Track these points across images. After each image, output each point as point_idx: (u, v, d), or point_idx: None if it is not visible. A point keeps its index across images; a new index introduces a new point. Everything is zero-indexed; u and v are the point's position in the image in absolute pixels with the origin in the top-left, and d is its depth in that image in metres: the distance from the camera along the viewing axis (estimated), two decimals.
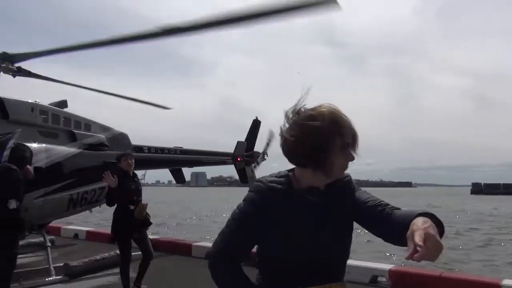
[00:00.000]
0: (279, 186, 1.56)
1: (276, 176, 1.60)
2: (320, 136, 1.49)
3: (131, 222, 5.74)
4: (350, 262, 2.61)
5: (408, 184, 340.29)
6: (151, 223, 6.13)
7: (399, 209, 1.49)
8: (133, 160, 6.03)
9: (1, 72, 7.40)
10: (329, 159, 1.51)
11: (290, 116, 1.57)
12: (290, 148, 1.56)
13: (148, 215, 6.04)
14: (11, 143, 5.94)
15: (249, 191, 1.61)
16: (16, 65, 7.43)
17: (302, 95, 1.57)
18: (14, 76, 7.68)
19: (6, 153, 5.86)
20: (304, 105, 1.57)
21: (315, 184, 1.58)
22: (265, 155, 12.56)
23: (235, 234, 1.59)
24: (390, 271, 6.65)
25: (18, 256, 5.97)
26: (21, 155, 5.82)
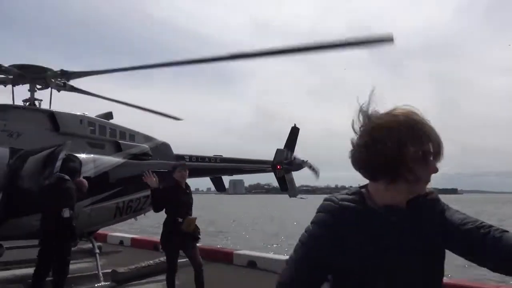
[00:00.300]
0: (352, 204, 1.33)
1: (347, 194, 1.38)
2: (393, 144, 1.27)
3: (179, 235, 5.53)
4: None
5: (453, 191, 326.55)
6: (199, 238, 5.89)
7: (507, 231, 1.21)
8: (187, 172, 5.85)
9: (55, 88, 7.84)
10: (404, 171, 1.28)
11: (361, 121, 1.36)
12: (360, 159, 1.35)
13: (198, 228, 5.83)
14: (62, 154, 6.25)
15: (318, 211, 1.38)
16: (71, 82, 7.85)
17: (369, 97, 1.35)
18: (59, 91, 8.11)
19: (58, 163, 6.18)
20: (375, 108, 1.35)
21: (391, 201, 1.32)
22: (305, 164, 12.43)
23: (303, 262, 1.39)
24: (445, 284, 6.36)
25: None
26: (73, 166, 6.12)
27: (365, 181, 1.40)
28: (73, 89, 8.17)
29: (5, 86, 7.63)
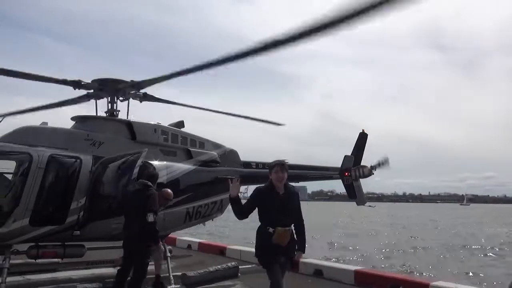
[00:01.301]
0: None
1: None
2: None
3: (271, 247, 4.71)
4: None
5: None
6: (292, 255, 4.91)
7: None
8: (284, 174, 4.88)
9: (131, 98, 8.33)
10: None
11: None
12: None
13: (293, 244, 4.88)
14: (139, 162, 6.61)
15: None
16: (142, 91, 8.30)
17: None
18: (141, 101, 8.60)
19: (135, 170, 6.54)
20: None
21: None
22: (374, 170, 12.02)
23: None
24: None
25: None
26: (152, 173, 6.47)
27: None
28: (150, 98, 8.60)
29: (88, 101, 8.25)
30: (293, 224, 4.87)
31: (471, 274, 16.78)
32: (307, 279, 8.40)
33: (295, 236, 4.88)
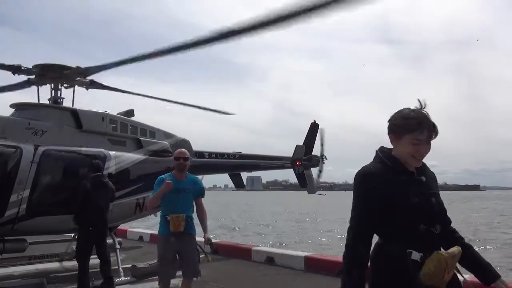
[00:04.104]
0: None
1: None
2: None
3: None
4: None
5: (475, 188, 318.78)
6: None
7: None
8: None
9: (76, 86, 7.96)
10: None
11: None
12: None
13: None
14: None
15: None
16: (89, 78, 7.95)
17: None
18: (87, 89, 8.24)
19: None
20: None
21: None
22: (324, 158, 12.36)
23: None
24: None
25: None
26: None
27: None
28: (98, 86, 8.26)
29: (29, 87, 7.79)
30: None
31: None
32: (258, 267, 8.53)
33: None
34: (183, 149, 4.97)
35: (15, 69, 7.26)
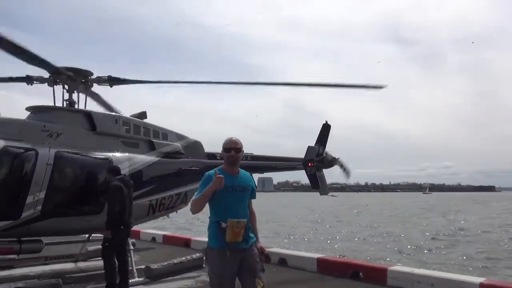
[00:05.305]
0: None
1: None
2: None
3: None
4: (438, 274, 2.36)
5: (490, 188, 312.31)
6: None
7: None
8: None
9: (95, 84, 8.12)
10: None
11: None
12: None
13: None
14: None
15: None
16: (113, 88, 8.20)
17: None
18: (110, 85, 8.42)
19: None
20: None
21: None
22: (338, 158, 12.24)
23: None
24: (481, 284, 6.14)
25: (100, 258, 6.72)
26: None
27: None
28: (117, 82, 8.36)
29: (49, 85, 7.86)
30: None
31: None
32: (272, 268, 8.52)
33: None
34: (233, 138, 3.94)
35: (47, 66, 7.26)
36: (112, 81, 8.05)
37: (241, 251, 3.71)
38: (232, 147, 3.89)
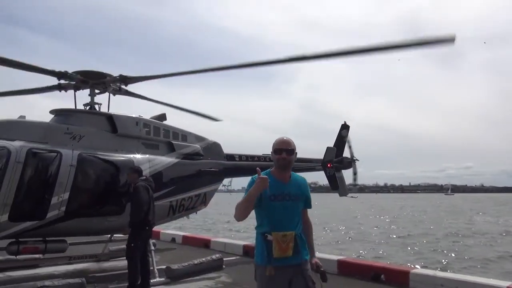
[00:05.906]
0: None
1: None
2: None
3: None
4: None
5: None
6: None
7: None
8: None
9: (112, 91, 8.21)
10: None
11: None
12: None
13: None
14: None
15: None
16: (128, 86, 8.24)
17: None
18: (118, 94, 8.51)
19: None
20: None
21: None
22: (356, 160, 12.16)
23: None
24: None
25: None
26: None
27: None
28: (128, 93, 8.52)
29: (66, 92, 8.07)
30: None
31: None
32: None
33: None
34: (285, 137, 3.39)
35: (61, 75, 7.48)
36: (124, 81, 8.10)
37: (291, 268, 3.22)
38: (283, 148, 3.32)
